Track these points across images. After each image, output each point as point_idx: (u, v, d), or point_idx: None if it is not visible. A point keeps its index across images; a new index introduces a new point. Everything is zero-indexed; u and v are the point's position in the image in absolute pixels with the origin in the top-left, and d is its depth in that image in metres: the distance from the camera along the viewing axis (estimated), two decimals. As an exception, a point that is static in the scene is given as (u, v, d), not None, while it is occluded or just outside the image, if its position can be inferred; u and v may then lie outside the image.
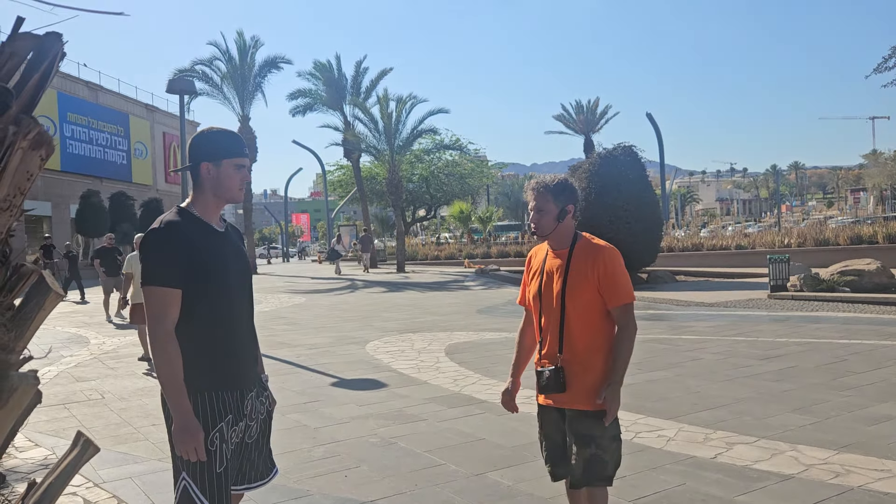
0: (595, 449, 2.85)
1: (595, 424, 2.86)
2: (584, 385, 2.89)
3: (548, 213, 2.96)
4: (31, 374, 1.69)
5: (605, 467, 2.87)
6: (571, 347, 2.92)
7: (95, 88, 46.90)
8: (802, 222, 55.53)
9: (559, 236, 3.00)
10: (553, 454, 3.07)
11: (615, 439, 2.91)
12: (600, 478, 2.88)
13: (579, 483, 2.91)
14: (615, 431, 2.92)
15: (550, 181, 2.99)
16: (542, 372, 2.97)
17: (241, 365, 2.48)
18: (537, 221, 2.99)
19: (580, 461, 2.87)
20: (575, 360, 2.91)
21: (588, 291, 2.89)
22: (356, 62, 37.77)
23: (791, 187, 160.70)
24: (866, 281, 14.58)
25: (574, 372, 2.90)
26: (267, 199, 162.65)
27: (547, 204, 2.95)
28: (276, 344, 10.63)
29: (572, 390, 2.90)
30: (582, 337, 2.91)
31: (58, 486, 1.81)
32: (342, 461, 4.86)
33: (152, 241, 2.35)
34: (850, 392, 6.38)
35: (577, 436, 2.89)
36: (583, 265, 2.91)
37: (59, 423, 6.22)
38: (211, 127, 2.57)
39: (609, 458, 2.88)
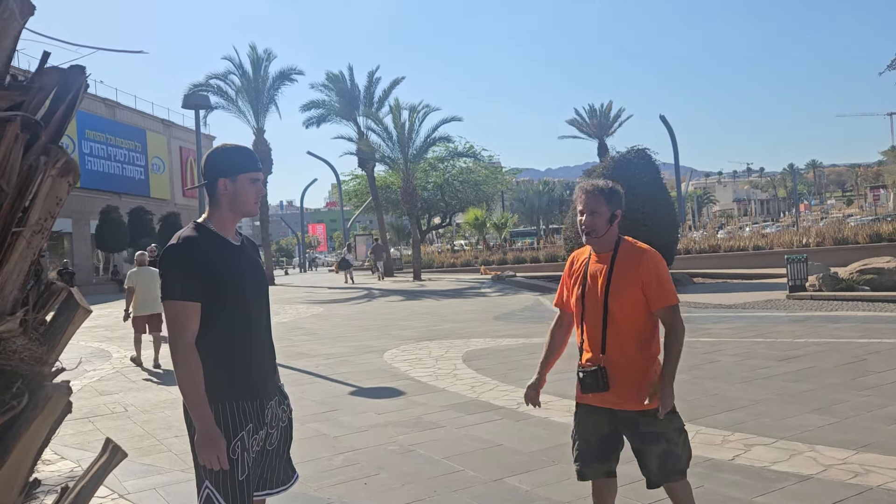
0: (666, 444, 2.90)
1: (657, 421, 2.91)
2: (632, 385, 2.94)
3: (601, 215, 3.04)
4: (65, 385, 1.77)
5: (678, 461, 2.92)
6: (614, 348, 2.97)
7: (113, 105, 47.53)
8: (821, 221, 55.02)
9: (605, 240, 3.07)
10: (584, 454, 3.11)
11: (681, 431, 2.96)
12: (676, 472, 2.92)
13: (658, 481, 2.95)
14: (679, 424, 2.97)
15: (604, 185, 3.08)
16: (584, 372, 3.03)
17: (260, 375, 2.54)
18: (591, 223, 3.05)
19: (654, 459, 2.92)
20: (618, 361, 2.96)
21: (631, 293, 2.95)
22: (369, 72, 37.94)
23: (809, 186, 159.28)
24: (886, 279, 14.45)
25: (617, 372, 2.95)
26: (283, 211, 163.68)
27: (600, 206, 3.03)
28: (295, 354, 10.71)
29: (619, 391, 2.95)
30: (624, 338, 2.97)
31: (89, 490, 1.88)
32: (362, 469, 4.91)
33: (171, 257, 2.42)
34: (870, 392, 6.34)
35: (642, 436, 2.94)
36: (627, 267, 2.97)
37: (83, 436, 6.32)
38: (225, 143, 2.64)
39: (681, 451, 2.93)
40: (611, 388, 2.95)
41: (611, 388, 2.95)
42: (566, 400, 6.70)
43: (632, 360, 2.95)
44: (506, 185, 62.46)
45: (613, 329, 2.97)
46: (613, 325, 2.97)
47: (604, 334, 2.99)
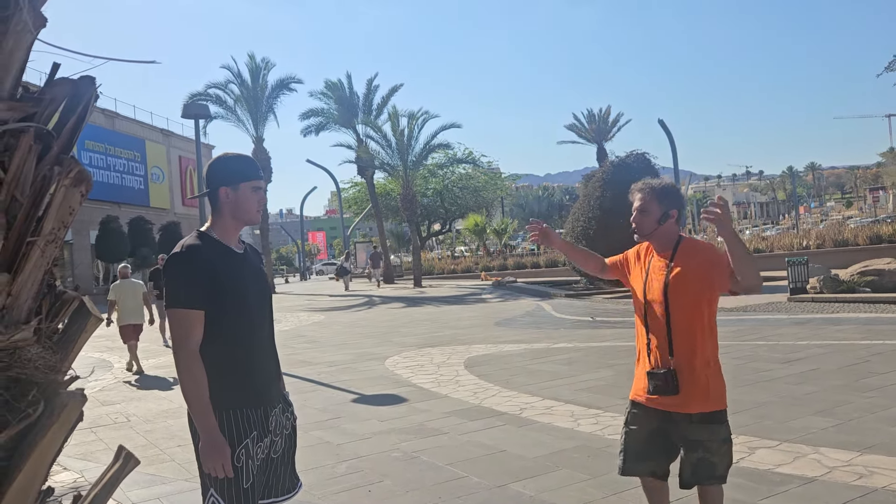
0: (703, 453, 2.87)
1: (703, 430, 2.87)
2: (697, 387, 2.89)
3: (650, 214, 3.00)
4: (79, 392, 1.78)
5: (713, 469, 2.89)
6: (680, 349, 2.92)
7: (112, 115, 47.61)
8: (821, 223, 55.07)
9: (661, 239, 3.03)
10: (628, 449, 3.08)
11: (725, 442, 2.91)
12: (712, 477, 2.90)
13: (688, 484, 2.94)
14: (724, 435, 2.92)
15: (657, 184, 3.05)
16: (654, 374, 2.95)
17: (263, 382, 2.55)
18: (638, 221, 3.04)
19: (688, 465, 2.91)
20: (686, 363, 2.91)
21: (693, 287, 2.90)
22: (367, 80, 38.07)
23: (808, 188, 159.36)
24: (887, 280, 14.46)
25: (685, 375, 2.90)
26: (283, 219, 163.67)
27: (651, 205, 3.01)
28: (297, 362, 10.71)
29: (684, 393, 2.90)
30: (689, 338, 2.91)
31: (102, 497, 1.89)
32: (365, 476, 4.91)
33: (175, 265, 2.43)
34: (873, 393, 6.34)
35: (685, 441, 2.91)
36: (685, 260, 2.94)
37: (86, 446, 6.32)
38: (226, 153, 2.66)
39: (718, 460, 2.89)
40: (680, 392, 2.90)
41: (680, 392, 2.90)
42: (569, 405, 6.71)
43: (696, 363, 2.90)
44: (505, 190, 62.51)
45: (677, 330, 2.92)
46: (676, 325, 2.92)
47: (669, 336, 2.93)
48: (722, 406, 2.94)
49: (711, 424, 2.88)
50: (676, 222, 3.04)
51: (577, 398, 6.97)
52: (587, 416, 6.24)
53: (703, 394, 2.89)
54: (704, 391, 2.89)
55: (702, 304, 2.92)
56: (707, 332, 2.94)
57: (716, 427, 2.89)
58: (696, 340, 2.92)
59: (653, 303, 3.00)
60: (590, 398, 6.93)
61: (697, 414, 2.88)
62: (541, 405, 6.79)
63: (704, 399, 2.89)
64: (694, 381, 2.89)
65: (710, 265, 2.90)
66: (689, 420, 2.89)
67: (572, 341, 11.22)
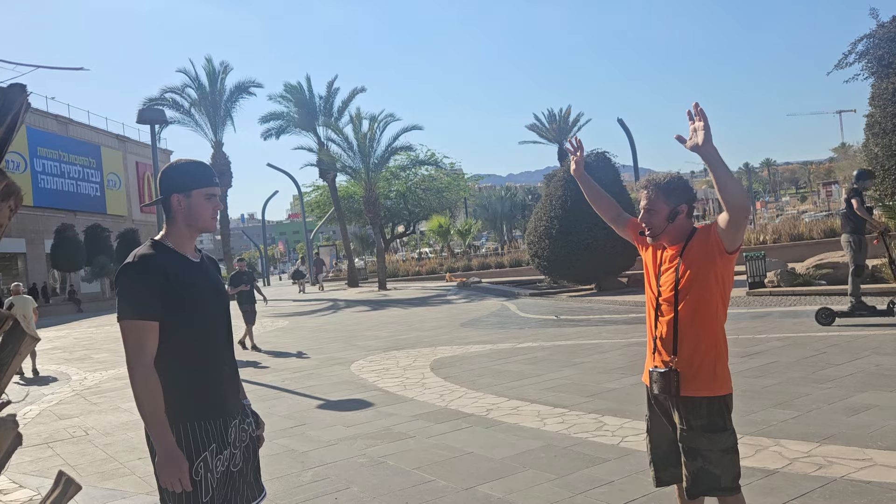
0: (702, 462, 2.74)
1: (700, 437, 2.75)
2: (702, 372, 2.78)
3: (658, 212, 2.86)
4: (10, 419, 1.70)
5: (716, 480, 2.74)
6: (685, 346, 2.81)
7: (65, 122, 46.55)
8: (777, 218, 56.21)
9: (673, 235, 2.89)
10: (657, 458, 2.98)
11: (727, 452, 2.76)
12: (717, 489, 2.76)
13: (691, 494, 2.82)
14: (726, 444, 2.76)
15: (662, 179, 2.89)
16: (653, 372, 2.86)
17: (222, 393, 2.49)
18: (647, 221, 2.89)
19: (689, 473, 2.79)
20: (689, 360, 2.80)
21: (703, 276, 2.76)
22: (327, 83, 37.81)
23: (764, 184, 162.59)
24: (842, 273, 14.77)
25: (687, 372, 2.79)
26: (244, 224, 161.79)
27: (657, 203, 2.85)
28: (261, 369, 10.56)
29: (689, 378, 2.78)
30: (696, 334, 2.80)
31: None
32: (332, 483, 4.85)
33: (127, 275, 2.35)
34: (830, 384, 6.48)
35: (684, 448, 2.80)
36: (695, 248, 2.80)
37: (42, 462, 6.14)
38: (180, 159, 2.60)
39: (720, 471, 2.74)
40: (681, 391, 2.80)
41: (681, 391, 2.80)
42: (535, 405, 6.72)
43: (703, 350, 2.79)
44: (468, 191, 62.54)
45: (684, 327, 2.81)
46: (684, 322, 2.81)
47: (675, 333, 2.82)
48: (727, 390, 2.81)
49: (713, 434, 2.75)
50: (688, 217, 2.89)
51: (543, 398, 6.99)
52: (553, 415, 6.25)
53: (708, 377, 2.79)
54: (710, 374, 2.79)
55: (713, 290, 2.79)
56: (716, 321, 2.82)
57: (717, 436, 2.75)
58: (705, 331, 2.80)
59: (664, 296, 2.89)
60: (556, 397, 6.95)
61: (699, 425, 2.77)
62: (507, 406, 6.79)
63: (710, 382, 2.79)
64: (700, 367, 2.79)
65: (702, 242, 2.79)
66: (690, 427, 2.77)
67: (537, 340, 11.27)
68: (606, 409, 6.28)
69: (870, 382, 6.40)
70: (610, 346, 9.96)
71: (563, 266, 19.66)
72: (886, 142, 16.08)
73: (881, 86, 16.51)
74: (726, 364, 2.87)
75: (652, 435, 3.01)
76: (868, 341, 8.43)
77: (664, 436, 2.95)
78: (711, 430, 2.75)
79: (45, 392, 10.04)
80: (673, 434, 2.90)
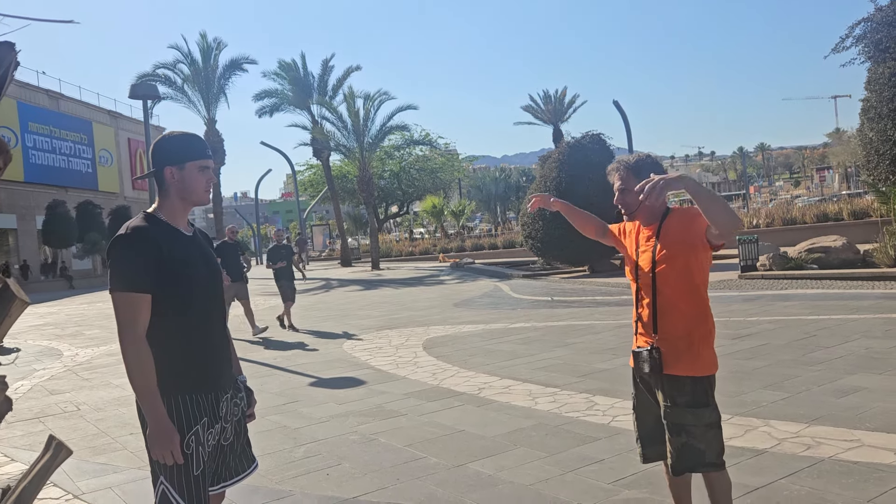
0: (686, 438, 2.79)
1: (684, 413, 2.80)
2: (688, 352, 2.83)
3: (631, 190, 2.92)
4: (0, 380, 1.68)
5: (700, 455, 2.79)
6: (668, 323, 2.86)
7: (56, 97, 46.11)
8: (770, 203, 56.37)
9: (648, 212, 2.96)
10: (644, 435, 3.03)
11: (711, 427, 2.81)
12: (701, 465, 2.81)
13: (676, 470, 2.86)
14: (710, 420, 2.81)
15: (632, 159, 2.99)
16: (638, 352, 2.91)
17: (214, 367, 2.48)
18: (622, 200, 2.98)
19: (673, 449, 2.83)
20: (670, 339, 2.85)
21: (679, 258, 2.82)
22: (322, 60, 37.53)
23: (758, 168, 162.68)
24: (833, 257, 14.87)
25: (669, 351, 2.84)
26: (237, 202, 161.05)
27: (629, 181, 2.94)
28: (253, 347, 10.57)
29: (674, 357, 2.83)
30: (676, 313, 2.85)
31: (31, 489, 1.81)
32: (323, 460, 4.87)
33: (120, 247, 2.33)
34: (820, 366, 6.52)
35: (668, 424, 2.84)
36: (673, 229, 2.86)
37: (34, 436, 6.14)
38: (172, 131, 2.57)
39: (705, 446, 2.79)
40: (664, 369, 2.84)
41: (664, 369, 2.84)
42: (527, 384, 6.74)
43: (683, 337, 2.84)
44: (462, 172, 62.48)
45: (664, 305, 2.86)
46: (664, 300, 2.86)
47: (655, 312, 2.88)
48: (711, 371, 2.86)
49: (696, 409, 2.80)
50: None
51: (535, 377, 7.02)
52: (545, 394, 6.28)
53: (693, 357, 2.82)
54: (695, 354, 2.83)
55: (692, 272, 2.85)
56: (697, 302, 2.87)
57: (701, 411, 2.80)
58: (686, 311, 2.85)
59: (642, 277, 2.95)
60: (547, 377, 6.98)
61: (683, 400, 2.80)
62: (499, 385, 6.81)
63: (695, 362, 2.82)
64: (683, 347, 2.83)
65: (684, 228, 2.84)
66: (674, 404, 2.81)
67: (530, 321, 11.30)
68: (597, 389, 6.31)
69: (859, 365, 6.45)
70: (602, 328, 10.00)
71: (557, 248, 19.69)
72: (881, 126, 16.08)
73: (877, 70, 16.48)
74: (712, 345, 2.91)
75: (638, 412, 3.06)
76: (858, 325, 8.49)
77: (650, 413, 2.99)
78: (695, 406, 2.81)
79: (37, 367, 10.02)
80: (658, 411, 2.94)
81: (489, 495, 4.00)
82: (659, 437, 2.95)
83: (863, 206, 23.56)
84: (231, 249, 11.82)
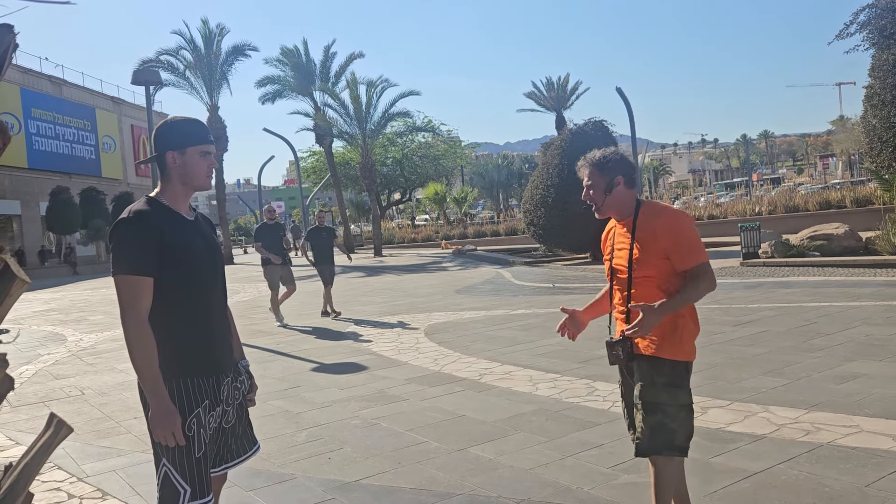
0: (661, 417, 2.81)
1: (661, 392, 2.83)
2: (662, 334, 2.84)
3: (596, 186, 2.97)
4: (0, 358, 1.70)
5: (672, 436, 2.82)
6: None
7: (59, 83, 46.03)
8: (773, 190, 56.22)
9: (616, 207, 2.97)
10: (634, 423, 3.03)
11: (683, 408, 2.84)
12: (669, 447, 2.83)
13: (644, 451, 2.87)
14: (685, 400, 2.85)
15: (597, 155, 3.01)
16: (611, 343, 2.94)
17: (215, 351, 2.51)
18: (588, 196, 3.01)
19: (646, 429, 2.84)
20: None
21: (654, 259, 2.84)
22: (325, 47, 37.39)
23: (762, 156, 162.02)
24: (835, 245, 14.86)
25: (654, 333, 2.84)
26: (240, 189, 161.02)
27: (595, 178, 2.98)
28: (255, 332, 10.62)
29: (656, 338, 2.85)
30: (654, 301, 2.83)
31: (33, 466, 1.83)
32: (325, 444, 4.91)
33: (122, 230, 2.35)
34: (820, 353, 6.54)
35: (643, 403, 2.86)
36: (647, 235, 2.86)
37: (38, 420, 6.18)
38: (174, 116, 2.58)
39: (677, 426, 2.82)
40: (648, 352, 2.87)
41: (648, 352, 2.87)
42: (528, 370, 6.78)
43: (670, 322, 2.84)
44: (465, 159, 62.36)
45: (638, 300, 2.87)
46: (638, 296, 2.88)
47: (628, 305, 2.90)
48: (690, 359, 2.90)
49: (673, 388, 2.83)
50: (627, 187, 2.98)
51: (536, 363, 7.05)
52: (545, 380, 6.31)
53: (675, 343, 2.85)
54: (678, 341, 2.85)
55: (666, 273, 2.86)
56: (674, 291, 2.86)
57: (676, 391, 2.84)
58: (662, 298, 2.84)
59: (618, 271, 2.98)
60: (548, 363, 7.01)
61: (661, 380, 2.83)
62: (500, 370, 6.85)
63: (677, 347, 2.85)
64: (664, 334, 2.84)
65: (655, 239, 2.84)
66: (651, 384, 2.84)
67: (531, 308, 11.32)
68: (598, 375, 6.34)
69: (859, 352, 6.46)
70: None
71: (559, 235, 19.68)
72: (885, 113, 16.02)
73: (881, 57, 16.40)
74: (693, 334, 2.94)
75: (626, 399, 3.10)
76: (859, 312, 8.50)
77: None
78: (672, 386, 2.85)
79: (42, 352, 10.08)
80: None
81: (489, 479, 4.03)
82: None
83: (865, 194, 23.49)
84: (273, 231, 11.50)
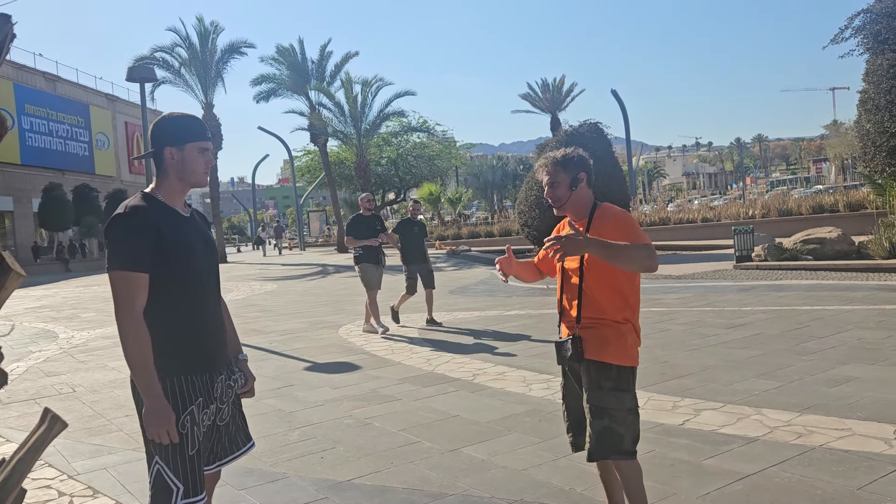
0: (608, 421, 2.83)
1: (608, 396, 2.85)
2: (598, 339, 2.88)
3: (560, 183, 2.99)
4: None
5: (619, 440, 2.84)
6: (590, 319, 2.91)
7: (53, 79, 45.83)
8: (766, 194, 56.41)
9: (576, 206, 3.01)
10: (570, 423, 3.10)
11: (631, 412, 2.88)
12: (617, 452, 2.86)
13: (593, 455, 2.89)
14: (631, 404, 2.89)
15: (559, 154, 3.04)
16: (560, 343, 2.98)
17: (209, 348, 2.49)
18: (552, 194, 3.02)
19: (594, 433, 2.86)
20: (592, 329, 2.90)
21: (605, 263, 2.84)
22: (320, 46, 37.35)
23: (755, 159, 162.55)
24: (828, 248, 14.91)
25: (591, 341, 2.89)
26: (234, 187, 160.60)
27: (558, 175, 2.99)
28: (249, 331, 10.59)
29: (601, 344, 2.88)
30: (600, 306, 2.90)
31: (26, 462, 1.82)
32: (318, 443, 4.90)
33: (118, 226, 2.34)
34: (813, 356, 6.56)
35: (591, 407, 2.88)
36: (601, 227, 2.91)
37: (29, 418, 6.15)
38: (172, 112, 2.57)
39: (624, 430, 2.85)
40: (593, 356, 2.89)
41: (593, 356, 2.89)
42: (521, 371, 6.77)
43: (611, 330, 2.89)
44: (460, 159, 62.26)
45: (589, 298, 2.91)
46: (589, 294, 2.91)
47: (580, 304, 2.94)
48: (634, 363, 2.93)
49: (620, 393, 2.86)
50: (588, 185, 3.04)
51: (530, 364, 7.05)
52: (538, 381, 6.31)
53: (620, 347, 2.88)
54: (623, 345, 2.89)
55: (616, 272, 2.87)
56: (623, 294, 2.92)
57: (623, 395, 2.87)
58: (611, 303, 2.90)
59: (569, 270, 3.01)
60: (541, 364, 7.01)
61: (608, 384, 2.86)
62: (493, 371, 6.84)
63: (622, 352, 2.88)
64: (609, 337, 2.88)
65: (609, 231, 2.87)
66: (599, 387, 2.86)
67: (525, 308, 11.33)
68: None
69: (851, 355, 6.49)
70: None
71: (553, 236, 19.69)
72: (879, 118, 16.08)
73: (876, 62, 16.46)
74: (636, 343, 2.97)
75: (567, 401, 3.13)
76: (851, 316, 8.53)
77: (578, 401, 3.04)
78: (619, 390, 2.88)
79: (33, 349, 10.03)
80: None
81: (482, 479, 4.03)
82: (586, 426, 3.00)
83: (858, 198, 23.60)
84: (369, 223, 9.93)
